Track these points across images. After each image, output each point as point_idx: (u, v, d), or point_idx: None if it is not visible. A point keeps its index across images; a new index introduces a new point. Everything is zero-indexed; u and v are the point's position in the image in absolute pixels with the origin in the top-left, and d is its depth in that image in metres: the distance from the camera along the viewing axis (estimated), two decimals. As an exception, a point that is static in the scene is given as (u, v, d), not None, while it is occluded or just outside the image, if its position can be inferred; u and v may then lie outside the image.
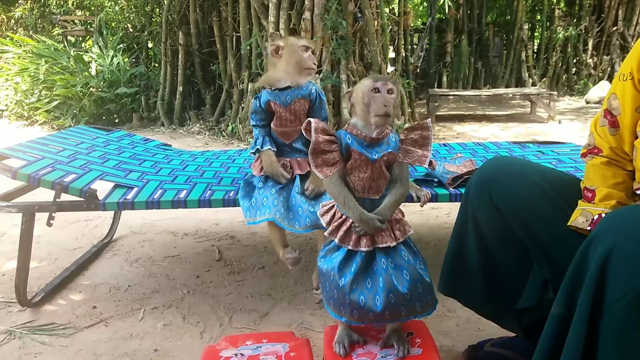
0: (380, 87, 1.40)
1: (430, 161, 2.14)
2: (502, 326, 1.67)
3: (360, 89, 1.44)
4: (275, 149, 1.97)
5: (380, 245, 1.43)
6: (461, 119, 7.35)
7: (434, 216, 3.22)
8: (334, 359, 1.46)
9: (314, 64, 1.91)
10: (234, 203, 1.99)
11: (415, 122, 1.46)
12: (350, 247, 1.45)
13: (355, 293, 1.41)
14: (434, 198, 1.99)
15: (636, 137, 1.32)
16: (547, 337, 1.13)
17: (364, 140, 1.43)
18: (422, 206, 1.95)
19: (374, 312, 1.39)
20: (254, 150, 1.96)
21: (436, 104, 7.01)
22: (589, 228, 1.28)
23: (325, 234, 1.50)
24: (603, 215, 1.28)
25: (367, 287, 1.41)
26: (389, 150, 1.44)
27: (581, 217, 1.31)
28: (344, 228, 1.46)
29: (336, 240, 1.46)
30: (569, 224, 1.32)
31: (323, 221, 1.52)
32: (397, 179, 1.47)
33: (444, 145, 2.80)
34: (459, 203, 1.62)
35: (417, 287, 1.41)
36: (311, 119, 1.43)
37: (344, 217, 1.46)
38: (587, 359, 1.03)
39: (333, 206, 1.51)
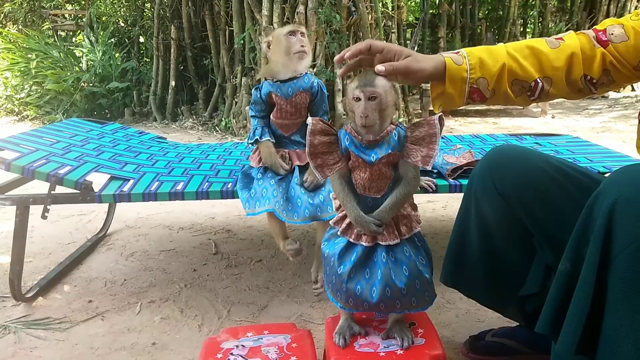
0: (361, 95, 1.33)
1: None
2: (504, 315, 1.67)
3: (347, 93, 1.39)
4: (273, 140, 1.95)
5: (382, 243, 1.41)
6: (454, 113, 7.35)
7: (431, 209, 3.22)
8: (335, 350, 1.45)
9: (302, 46, 1.86)
10: (232, 195, 1.97)
11: (423, 118, 1.40)
12: (351, 240, 1.43)
13: (353, 282, 1.40)
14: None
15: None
16: (554, 293, 1.12)
17: (361, 142, 1.38)
18: (433, 191, 1.94)
19: (369, 302, 1.39)
20: (252, 141, 1.94)
21: (429, 99, 6.99)
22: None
23: (330, 222, 1.49)
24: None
25: (364, 277, 1.40)
26: (389, 151, 1.37)
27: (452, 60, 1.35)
28: (347, 220, 1.44)
29: (339, 232, 1.45)
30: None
31: (334, 205, 1.51)
32: (401, 178, 1.41)
33: (442, 137, 2.79)
34: (456, 196, 1.61)
35: (414, 284, 1.40)
36: (310, 119, 1.39)
37: None
38: (595, 311, 1.03)
39: None
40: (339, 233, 1.45)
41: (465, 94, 1.37)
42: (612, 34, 1.36)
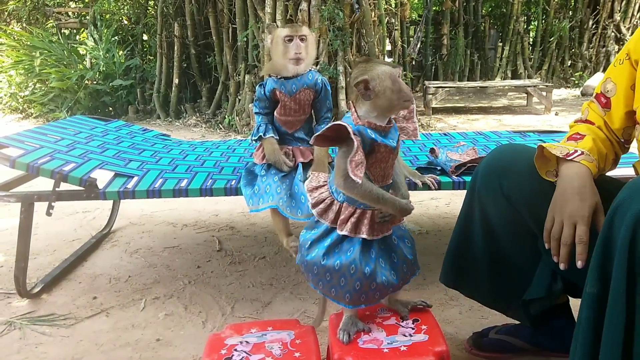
0: (400, 74, 1.38)
1: (433, 149, 2.13)
2: (505, 315, 1.66)
3: (387, 77, 1.34)
4: (277, 137, 1.95)
5: (399, 224, 1.46)
6: (457, 111, 7.34)
7: (434, 206, 3.22)
8: (339, 346, 1.45)
9: (297, 52, 1.85)
10: (236, 192, 1.97)
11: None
12: (366, 237, 1.40)
13: (379, 276, 1.42)
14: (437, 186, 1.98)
15: (631, 113, 1.34)
16: (586, 322, 1.06)
17: (382, 131, 1.39)
18: (435, 188, 1.94)
19: (392, 285, 1.45)
20: (256, 138, 1.95)
21: (432, 96, 7.00)
22: (561, 156, 1.30)
23: (345, 232, 1.41)
24: (578, 150, 1.29)
25: (381, 266, 1.43)
26: (397, 133, 1.44)
27: (557, 149, 1.32)
28: (352, 220, 1.41)
29: (366, 236, 1.40)
30: (544, 145, 1.34)
31: (320, 217, 1.45)
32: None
33: (445, 134, 2.79)
34: (459, 193, 1.60)
35: (415, 250, 1.51)
36: (340, 122, 1.32)
37: (350, 209, 1.41)
38: (630, 328, 0.98)
39: (331, 202, 1.44)
40: (366, 237, 1.41)
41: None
42: (607, 90, 1.39)
